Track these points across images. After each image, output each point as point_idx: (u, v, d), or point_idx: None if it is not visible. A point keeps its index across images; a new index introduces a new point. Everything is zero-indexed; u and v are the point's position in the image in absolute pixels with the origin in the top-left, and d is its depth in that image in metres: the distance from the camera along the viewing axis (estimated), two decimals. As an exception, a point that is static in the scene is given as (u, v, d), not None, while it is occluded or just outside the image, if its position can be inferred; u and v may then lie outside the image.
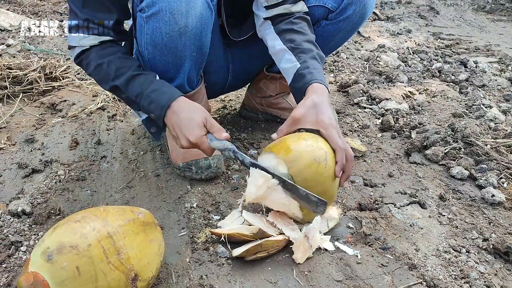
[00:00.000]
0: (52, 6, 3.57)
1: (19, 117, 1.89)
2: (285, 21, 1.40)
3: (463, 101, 2.13)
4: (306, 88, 1.26)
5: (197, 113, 1.20)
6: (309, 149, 1.14)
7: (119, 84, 1.25)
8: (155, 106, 1.22)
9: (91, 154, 1.62)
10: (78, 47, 1.29)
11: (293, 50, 1.34)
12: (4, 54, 2.56)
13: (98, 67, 1.27)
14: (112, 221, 0.93)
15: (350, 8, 1.49)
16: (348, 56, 2.80)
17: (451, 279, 1.10)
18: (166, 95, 1.22)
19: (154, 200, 1.38)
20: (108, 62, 1.26)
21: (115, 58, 1.27)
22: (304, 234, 1.13)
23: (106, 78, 1.27)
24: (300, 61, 1.31)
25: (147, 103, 1.23)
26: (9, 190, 1.41)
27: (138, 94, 1.24)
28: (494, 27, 3.89)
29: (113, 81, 1.26)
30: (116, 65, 1.26)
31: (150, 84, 1.24)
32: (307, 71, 1.28)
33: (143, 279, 0.93)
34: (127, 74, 1.25)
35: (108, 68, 1.26)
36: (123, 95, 1.29)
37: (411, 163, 1.62)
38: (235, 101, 2.11)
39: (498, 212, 1.35)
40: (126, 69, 1.26)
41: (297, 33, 1.37)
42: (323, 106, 1.21)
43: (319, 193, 1.12)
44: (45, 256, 0.85)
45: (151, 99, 1.22)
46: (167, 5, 1.15)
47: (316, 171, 1.13)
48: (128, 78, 1.25)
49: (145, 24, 1.21)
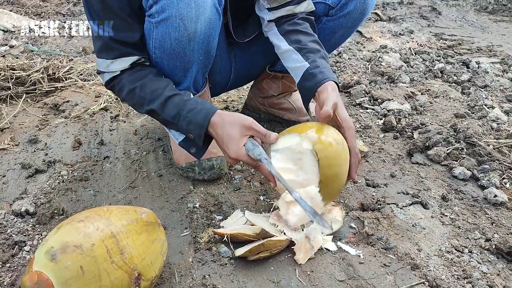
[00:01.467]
0: (55, 7, 3.58)
1: (22, 117, 1.90)
2: (288, 22, 1.40)
3: (465, 102, 2.13)
4: (320, 86, 1.25)
5: (231, 126, 1.16)
6: (333, 132, 1.18)
7: (155, 108, 1.23)
8: (194, 126, 1.19)
9: (94, 155, 1.63)
10: (107, 73, 1.28)
11: (300, 50, 1.34)
12: (7, 55, 2.57)
13: (131, 92, 1.26)
14: (116, 221, 0.93)
15: (350, 4, 1.49)
16: (350, 57, 2.80)
17: (454, 279, 1.10)
18: (203, 113, 1.19)
19: (157, 200, 1.38)
20: (141, 86, 1.24)
21: (147, 81, 1.25)
22: (305, 235, 1.14)
23: (141, 102, 1.26)
24: (309, 61, 1.31)
25: (186, 123, 1.20)
26: (13, 190, 1.42)
27: (175, 115, 1.21)
28: (496, 27, 3.89)
29: (148, 105, 1.24)
30: (150, 88, 1.24)
31: (186, 103, 1.21)
32: (318, 70, 1.28)
33: (146, 278, 0.93)
34: (161, 96, 1.22)
35: (142, 92, 1.24)
36: (160, 117, 1.26)
37: (413, 164, 1.62)
38: (237, 102, 2.11)
39: (501, 212, 1.35)
40: (160, 90, 1.23)
41: (303, 34, 1.38)
42: (343, 105, 1.25)
43: (334, 174, 1.16)
44: (49, 256, 0.85)
45: (189, 120, 1.19)
46: (177, 11, 1.15)
47: (337, 151, 1.16)
48: (164, 101, 1.22)
49: (154, 29, 1.21)
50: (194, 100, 1.24)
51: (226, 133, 1.16)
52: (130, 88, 1.26)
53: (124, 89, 1.27)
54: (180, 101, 1.22)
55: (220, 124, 1.17)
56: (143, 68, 1.28)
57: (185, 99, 1.23)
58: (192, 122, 1.19)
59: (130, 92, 1.26)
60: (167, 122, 1.27)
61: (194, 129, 1.20)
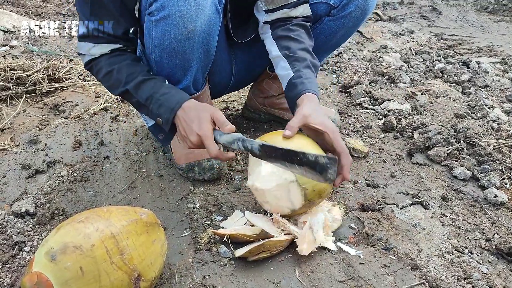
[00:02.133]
0: (55, 8, 3.59)
1: (23, 118, 1.90)
2: (282, 27, 1.41)
3: (465, 102, 2.13)
4: (299, 97, 1.27)
5: (205, 110, 1.20)
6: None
7: (129, 88, 1.26)
8: (164, 109, 1.22)
9: (94, 155, 1.63)
10: (87, 55, 1.31)
11: (287, 57, 1.36)
12: (7, 55, 2.57)
13: (108, 74, 1.29)
14: (115, 221, 0.93)
15: (352, 4, 1.50)
16: (351, 57, 2.80)
17: (454, 279, 1.09)
18: (175, 98, 1.23)
19: (157, 200, 1.38)
20: (118, 68, 1.27)
21: (125, 65, 1.28)
22: (309, 226, 1.14)
23: (117, 84, 1.28)
24: (294, 70, 1.33)
25: (157, 106, 1.24)
26: (13, 190, 1.42)
27: (148, 97, 1.25)
28: (496, 27, 3.88)
29: (123, 87, 1.27)
30: (127, 71, 1.27)
31: (160, 88, 1.25)
32: (299, 80, 1.30)
33: (146, 279, 0.93)
34: (137, 78, 1.26)
35: (118, 74, 1.27)
36: (133, 99, 1.29)
37: (414, 164, 1.62)
38: (238, 102, 2.11)
39: (501, 213, 1.35)
40: (136, 74, 1.27)
41: (293, 41, 1.38)
42: (321, 112, 1.23)
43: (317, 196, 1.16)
44: (49, 256, 0.85)
45: (161, 102, 1.23)
46: (176, 9, 1.16)
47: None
48: (139, 82, 1.25)
49: (154, 27, 1.21)
50: (170, 86, 1.28)
51: (198, 116, 1.18)
52: (107, 70, 1.29)
53: (102, 71, 1.30)
54: (155, 84, 1.26)
55: (193, 108, 1.20)
56: (122, 53, 1.31)
57: (160, 84, 1.26)
58: (163, 105, 1.22)
59: (107, 74, 1.29)
60: (139, 105, 1.30)
61: (164, 113, 1.23)
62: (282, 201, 1.17)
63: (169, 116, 1.22)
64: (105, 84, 1.36)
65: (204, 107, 1.21)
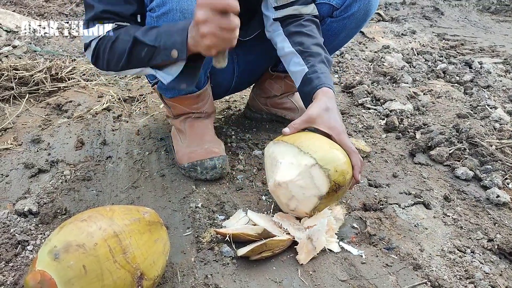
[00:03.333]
0: (58, 8, 3.60)
1: (25, 117, 1.90)
2: (294, 23, 1.40)
3: (467, 102, 2.13)
4: (315, 92, 1.27)
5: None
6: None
7: (137, 35, 1.14)
8: (176, 31, 1.10)
9: (97, 155, 1.63)
10: (93, 40, 1.23)
11: (301, 53, 1.35)
12: (10, 55, 2.58)
13: (116, 41, 1.19)
14: (118, 220, 0.93)
15: (354, 5, 1.49)
16: (353, 57, 2.80)
17: (456, 279, 1.09)
18: (182, 23, 1.11)
19: (160, 200, 1.39)
20: (124, 31, 1.19)
21: (130, 26, 1.21)
22: (307, 236, 1.14)
23: (124, 44, 1.17)
24: (309, 65, 1.32)
25: (167, 36, 1.11)
26: (16, 190, 1.42)
27: (156, 36, 1.13)
28: (499, 28, 3.88)
29: (131, 37, 1.15)
30: (133, 29, 1.18)
31: (164, 26, 1.14)
32: (315, 75, 1.29)
33: (149, 278, 0.94)
34: (142, 28, 1.17)
35: (125, 34, 1.18)
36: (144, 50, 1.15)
37: (416, 164, 1.61)
38: (240, 102, 2.12)
39: (503, 213, 1.35)
40: (141, 28, 1.18)
41: (306, 36, 1.37)
42: (334, 110, 1.23)
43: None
44: (52, 255, 0.85)
45: (170, 31, 1.11)
46: (177, 4, 1.16)
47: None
48: (146, 29, 1.16)
49: (155, 23, 1.21)
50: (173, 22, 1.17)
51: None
52: (115, 37, 1.19)
53: (109, 43, 1.20)
54: (160, 27, 1.16)
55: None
56: (124, 25, 1.23)
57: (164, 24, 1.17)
58: (172, 31, 1.11)
59: (114, 41, 1.19)
60: (150, 52, 1.15)
61: (177, 35, 1.09)
62: (308, 189, 1.14)
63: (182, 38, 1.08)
64: (112, 56, 1.22)
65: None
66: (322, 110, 1.22)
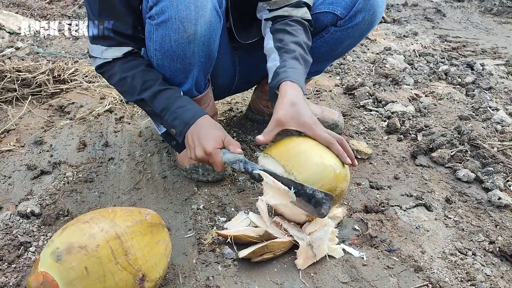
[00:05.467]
0: (61, 10, 3.61)
1: (28, 119, 1.91)
2: (281, 22, 1.42)
3: (469, 104, 2.13)
4: (279, 85, 1.25)
5: (217, 130, 1.24)
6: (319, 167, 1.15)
7: (145, 98, 1.28)
8: (179, 122, 1.25)
9: (99, 156, 1.64)
10: (99, 58, 1.31)
11: (279, 49, 1.35)
12: (13, 57, 2.59)
13: (122, 80, 1.30)
14: (120, 222, 0.94)
15: (359, 15, 1.48)
16: (354, 59, 2.80)
17: (457, 281, 1.10)
18: (191, 112, 1.26)
19: (161, 201, 1.39)
20: (132, 75, 1.28)
21: (139, 72, 1.29)
22: (308, 243, 1.13)
23: (132, 91, 1.30)
24: (281, 61, 1.31)
25: (172, 118, 1.26)
26: (18, 191, 1.43)
27: (164, 108, 1.27)
28: (501, 29, 3.88)
29: (139, 95, 1.28)
30: (142, 79, 1.28)
31: (176, 100, 1.27)
32: (283, 70, 1.27)
33: (151, 279, 0.94)
34: (153, 88, 1.27)
35: (134, 81, 1.28)
36: (148, 108, 1.31)
37: (417, 166, 1.62)
38: (241, 104, 2.12)
39: (505, 215, 1.35)
40: (152, 82, 1.28)
41: (288, 34, 1.37)
42: (300, 103, 1.20)
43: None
44: (54, 256, 0.86)
45: (176, 115, 1.25)
46: (176, 13, 1.16)
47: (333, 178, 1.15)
48: (155, 93, 1.27)
49: (155, 31, 1.22)
50: (186, 99, 1.30)
51: (211, 132, 1.23)
52: (122, 76, 1.29)
53: (115, 76, 1.31)
54: (171, 96, 1.28)
55: (206, 125, 1.24)
56: (135, 59, 1.32)
57: (176, 96, 1.29)
58: (178, 118, 1.26)
59: (121, 80, 1.30)
60: (153, 114, 1.32)
61: (178, 125, 1.26)
62: (296, 209, 1.14)
63: (183, 129, 1.25)
64: (118, 89, 1.37)
65: (217, 126, 1.26)
66: (288, 108, 1.19)
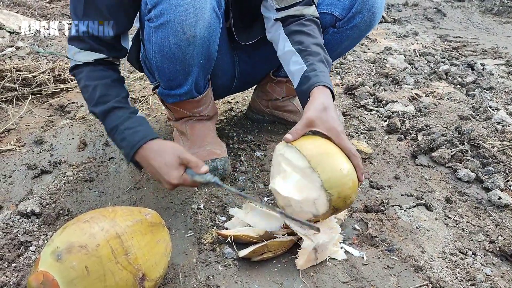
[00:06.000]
0: (61, 9, 3.61)
1: (28, 118, 1.91)
2: (295, 23, 1.39)
3: (470, 104, 2.13)
4: (311, 89, 1.24)
5: (168, 155, 1.17)
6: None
7: (98, 112, 1.24)
8: (126, 143, 1.21)
9: (99, 156, 1.64)
10: (72, 60, 1.29)
11: (301, 52, 1.33)
12: (13, 56, 2.59)
13: (85, 88, 1.27)
14: (120, 221, 0.94)
15: (358, 16, 1.48)
16: (355, 59, 2.80)
17: (457, 281, 1.10)
18: (140, 135, 1.20)
19: (161, 201, 1.39)
20: (94, 86, 1.24)
21: (102, 84, 1.25)
22: (314, 247, 1.11)
23: (89, 101, 1.26)
24: (307, 64, 1.29)
25: (120, 138, 1.22)
26: (19, 190, 1.43)
27: (113, 127, 1.22)
28: (501, 29, 3.88)
29: (93, 107, 1.25)
30: (102, 92, 1.24)
31: (127, 119, 1.22)
32: (314, 73, 1.27)
33: (151, 279, 0.94)
34: (108, 104, 1.23)
35: (93, 92, 1.24)
36: (101, 122, 1.29)
37: (418, 166, 1.62)
38: (242, 103, 2.12)
39: (505, 215, 1.35)
40: (110, 97, 1.24)
41: (307, 35, 1.36)
42: (331, 110, 1.20)
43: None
44: (55, 256, 0.86)
45: (124, 136, 1.21)
46: (175, 15, 1.16)
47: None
48: (108, 109, 1.23)
49: (154, 33, 1.22)
50: (139, 119, 1.25)
51: (163, 162, 1.16)
52: (85, 84, 1.26)
53: (81, 82, 1.28)
54: (123, 115, 1.23)
55: (155, 151, 1.18)
56: (105, 69, 1.29)
57: (128, 116, 1.23)
58: (125, 139, 1.20)
59: (84, 87, 1.27)
60: (105, 129, 1.28)
61: (125, 147, 1.21)
62: (306, 206, 1.11)
63: (130, 151, 1.20)
64: (82, 95, 1.32)
65: (168, 149, 1.18)
66: (319, 110, 1.19)
